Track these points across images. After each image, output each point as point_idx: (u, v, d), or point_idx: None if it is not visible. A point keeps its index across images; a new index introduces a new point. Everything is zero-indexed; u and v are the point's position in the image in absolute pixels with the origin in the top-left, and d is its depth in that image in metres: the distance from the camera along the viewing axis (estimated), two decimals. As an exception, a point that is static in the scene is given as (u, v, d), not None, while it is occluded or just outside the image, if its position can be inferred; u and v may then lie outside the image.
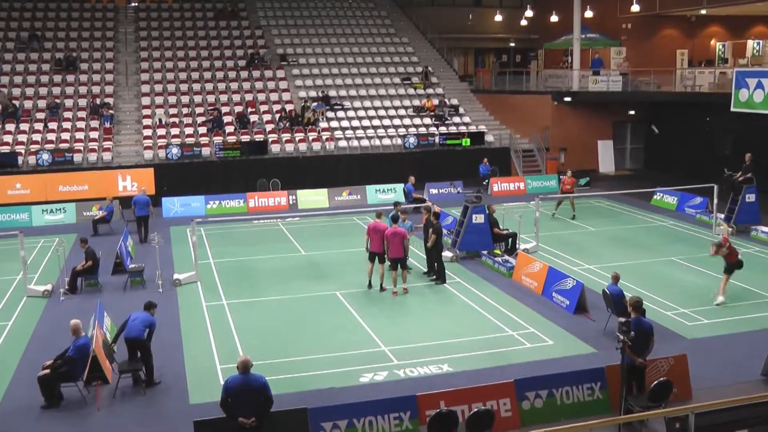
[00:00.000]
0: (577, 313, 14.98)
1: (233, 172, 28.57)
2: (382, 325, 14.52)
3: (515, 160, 32.39)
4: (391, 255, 16.15)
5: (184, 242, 21.37)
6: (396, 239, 16.10)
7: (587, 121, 33.64)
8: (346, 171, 29.70)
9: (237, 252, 20.57)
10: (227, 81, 33.85)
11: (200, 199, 26.27)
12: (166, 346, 13.24)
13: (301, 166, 29.45)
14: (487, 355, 13.01)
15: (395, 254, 16.13)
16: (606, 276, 16.85)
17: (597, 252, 20.02)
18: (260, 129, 30.64)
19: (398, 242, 16.13)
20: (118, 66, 33.89)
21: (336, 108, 33.08)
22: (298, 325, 14.62)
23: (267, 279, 17.91)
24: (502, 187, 29.28)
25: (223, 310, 15.58)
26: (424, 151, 30.98)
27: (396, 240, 16.09)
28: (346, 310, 15.52)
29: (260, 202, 26.72)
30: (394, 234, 16.12)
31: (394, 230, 16.19)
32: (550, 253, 19.76)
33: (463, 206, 19.76)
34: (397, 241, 16.12)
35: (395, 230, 16.21)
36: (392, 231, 16.17)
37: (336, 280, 17.64)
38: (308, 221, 24.67)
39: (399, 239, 16.16)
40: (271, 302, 16.14)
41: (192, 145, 28.53)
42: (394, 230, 16.20)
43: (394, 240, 16.08)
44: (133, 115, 31.30)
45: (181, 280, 17.42)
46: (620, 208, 26.00)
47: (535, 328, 14.26)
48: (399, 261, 16.26)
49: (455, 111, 34.24)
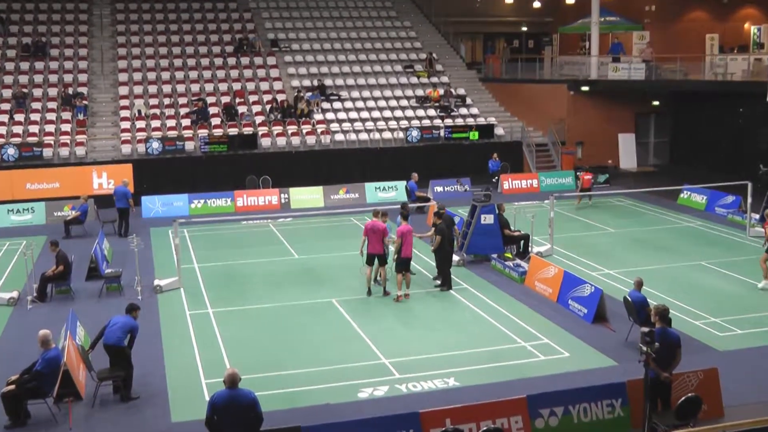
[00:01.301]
0: (595, 322, 14.96)
1: (220, 168, 28.56)
2: (382, 336, 14.51)
3: (528, 155, 32.37)
4: (404, 254, 16.36)
5: (166, 245, 21.34)
6: (409, 237, 16.39)
7: (606, 112, 33.63)
8: (343, 167, 29.67)
9: (224, 256, 20.56)
10: (213, 68, 33.85)
11: (183, 197, 26.26)
12: (146, 358, 13.22)
13: (293, 162, 29.44)
14: (497, 368, 12.99)
15: (406, 253, 16.33)
16: (628, 282, 16.83)
17: (618, 255, 19.99)
18: (249, 121, 30.63)
19: (410, 241, 16.40)
20: (93, 52, 33.89)
21: (332, 98, 33.07)
22: (291, 336, 14.60)
23: (256, 285, 17.89)
24: (514, 185, 29.27)
25: (208, 320, 15.56)
26: (429, 146, 30.96)
27: (409, 238, 16.38)
28: (342, 319, 15.51)
29: (249, 201, 26.71)
30: (406, 232, 16.34)
31: (406, 228, 16.44)
32: (566, 257, 19.74)
33: (470, 206, 19.76)
34: (410, 240, 16.40)
35: (407, 228, 16.47)
36: (406, 229, 16.40)
37: (332, 286, 17.63)
38: (302, 222, 24.64)
39: (411, 238, 16.45)
40: (261, 311, 16.12)
41: (174, 139, 28.53)
42: (407, 228, 16.46)
43: (407, 238, 16.32)
44: (109, 106, 31.29)
45: (163, 286, 17.40)
46: (643, 208, 25.98)
47: (550, 338, 14.25)
48: (409, 261, 16.43)
49: (462, 101, 34.23)
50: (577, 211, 25.24)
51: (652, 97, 33.99)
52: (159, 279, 17.80)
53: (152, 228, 23.73)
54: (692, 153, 33.42)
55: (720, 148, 31.71)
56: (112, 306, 15.86)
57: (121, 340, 11.88)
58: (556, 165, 32.33)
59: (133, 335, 12.06)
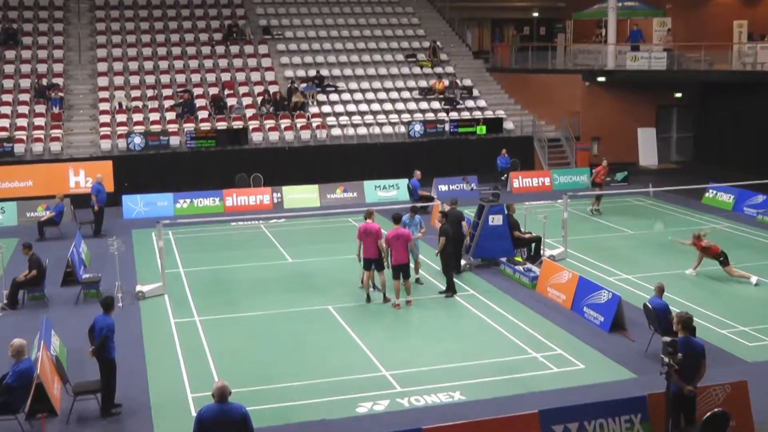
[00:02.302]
0: (613, 331, 14.95)
1: (207, 165, 28.56)
2: (382, 346, 14.50)
3: (539, 151, 32.35)
4: (394, 261, 16.19)
5: (149, 248, 21.33)
6: (399, 243, 16.12)
7: (625, 105, 33.62)
8: (341, 164, 29.66)
9: (212, 259, 20.55)
10: (200, 57, 33.85)
11: (168, 197, 26.26)
12: (127, 370, 13.20)
13: (287, 159, 29.43)
14: (506, 381, 12.99)
15: (398, 260, 16.15)
16: (648, 288, 16.82)
17: (637, 259, 19.99)
18: (239, 114, 30.63)
19: (402, 246, 16.16)
20: (69, 40, 33.90)
21: (329, 90, 33.07)
22: (284, 346, 14.59)
23: (247, 291, 17.88)
24: (524, 183, 29.27)
25: (194, 329, 15.55)
26: (432, 141, 30.97)
27: (399, 244, 16.12)
28: (340, 327, 15.50)
29: (239, 201, 26.71)
30: (396, 237, 16.14)
31: (396, 232, 16.21)
32: (581, 261, 19.73)
33: (477, 205, 19.75)
34: (401, 245, 16.14)
35: (397, 232, 16.22)
36: (394, 233, 16.19)
37: (328, 292, 17.62)
38: (296, 223, 24.64)
39: (403, 243, 16.17)
40: (251, 319, 16.11)
41: (158, 134, 28.53)
42: (396, 232, 16.21)
43: (397, 243, 16.10)
44: (87, 99, 31.29)
45: (145, 292, 17.39)
46: (665, 208, 25.98)
47: (563, 349, 14.24)
48: (402, 268, 16.28)
49: (468, 93, 34.23)
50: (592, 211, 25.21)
51: (675, 88, 33.96)
52: (141, 285, 17.79)
53: (134, 230, 23.71)
54: (718, 149, 33.40)
55: (749, 143, 31.68)
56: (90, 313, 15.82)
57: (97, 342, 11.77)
58: (570, 162, 32.29)
59: (105, 336, 11.67)
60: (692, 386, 10.60)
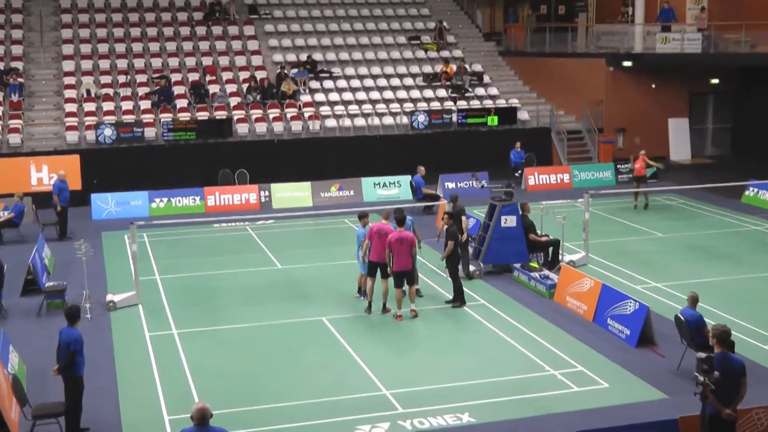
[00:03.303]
0: (640, 346, 14.94)
1: (187, 160, 28.54)
2: (383, 362, 14.49)
3: (558, 144, 32.33)
4: (396, 267, 16.17)
5: (121, 253, 21.32)
6: (403, 247, 16.11)
7: (654, 92, 33.58)
8: (336, 159, 29.64)
9: (191, 265, 20.55)
10: (178, 39, 33.83)
11: (142, 195, 26.25)
12: (96, 390, 13.18)
13: (276, 153, 29.40)
14: (520, 401, 12.97)
15: (400, 266, 16.13)
16: (680, 297, 16.79)
17: (668, 265, 19.98)
18: (222, 103, 30.62)
19: (405, 251, 16.15)
20: (30, 20, 33.84)
21: (322, 76, 33.05)
22: (272, 362, 14.57)
23: (231, 301, 17.87)
24: (541, 180, 29.27)
25: (172, 343, 15.54)
26: (438, 133, 30.94)
27: (403, 248, 16.11)
28: (335, 341, 15.49)
29: (222, 200, 26.70)
30: (399, 240, 16.12)
31: (399, 235, 16.20)
32: (605, 267, 19.72)
33: (488, 205, 19.74)
34: (404, 249, 16.14)
35: (400, 235, 16.21)
36: (397, 236, 16.18)
37: (322, 301, 17.61)
38: (286, 225, 24.63)
39: (406, 247, 16.17)
40: (236, 332, 16.10)
41: (131, 125, 28.51)
42: (399, 235, 16.20)
43: (401, 248, 16.09)
44: (50, 85, 31.27)
45: (117, 302, 17.38)
46: (699, 207, 25.98)
47: (585, 365, 14.23)
48: (405, 275, 16.26)
49: (478, 80, 34.22)
50: (618, 211, 25.19)
51: (711, 73, 33.89)
52: (112, 294, 17.78)
53: (104, 232, 23.69)
54: (759, 141, 33.36)
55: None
56: (53, 326, 15.81)
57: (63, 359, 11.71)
58: (592, 156, 32.24)
59: (73, 351, 11.61)
60: (731, 409, 10.57)
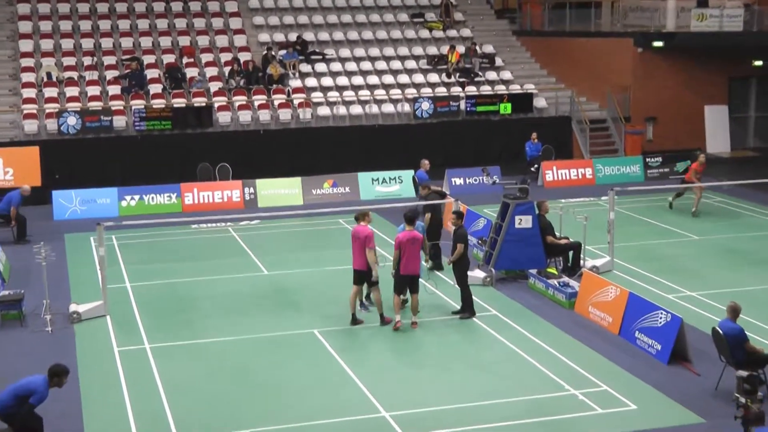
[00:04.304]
0: (673, 362, 14.92)
1: (161, 152, 28.55)
2: (381, 380, 14.47)
3: (579, 135, 32.32)
4: (403, 270, 16.24)
5: (87, 257, 21.31)
6: (414, 248, 16.27)
7: (689, 76, 33.56)
8: (330, 152, 29.64)
9: (167, 271, 20.54)
10: (151, 17, 33.82)
11: (111, 192, 26.27)
12: (58, 412, 13.13)
13: (262, 145, 29.39)
14: (537, 424, 12.96)
15: (408, 270, 16.21)
16: (718, 308, 16.79)
17: (703, 271, 20.00)
18: (201, 89, 30.61)
19: (416, 253, 16.31)
20: (-13, -5, 33.89)
21: (314, 58, 33.05)
22: (258, 381, 14.56)
23: (211, 311, 17.86)
24: (560, 176, 29.29)
25: (144, 359, 15.51)
26: (444, 123, 30.95)
27: (414, 250, 16.26)
28: (328, 356, 15.47)
29: (202, 198, 26.73)
30: (411, 240, 16.21)
31: (410, 235, 16.30)
32: (632, 274, 19.71)
33: (500, 204, 19.73)
34: (416, 251, 16.29)
35: (412, 235, 16.31)
36: (408, 236, 16.28)
37: (314, 312, 17.61)
38: (273, 225, 24.64)
39: (417, 249, 16.33)
40: (216, 346, 16.08)
41: (98, 113, 28.50)
42: (411, 235, 16.30)
43: (411, 249, 16.21)
44: (5, 68, 31.26)
45: (82, 313, 17.34)
46: (739, 206, 26.00)
47: (610, 384, 14.21)
48: (411, 281, 16.33)
49: (490, 63, 34.21)
50: (647, 210, 25.16)
51: (754, 54, 33.82)
52: (76, 303, 17.74)
53: (67, 234, 23.71)
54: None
55: None
56: (9, 341, 15.82)
57: (6, 407, 11.48)
58: (618, 149, 32.24)
59: (28, 403, 11.38)
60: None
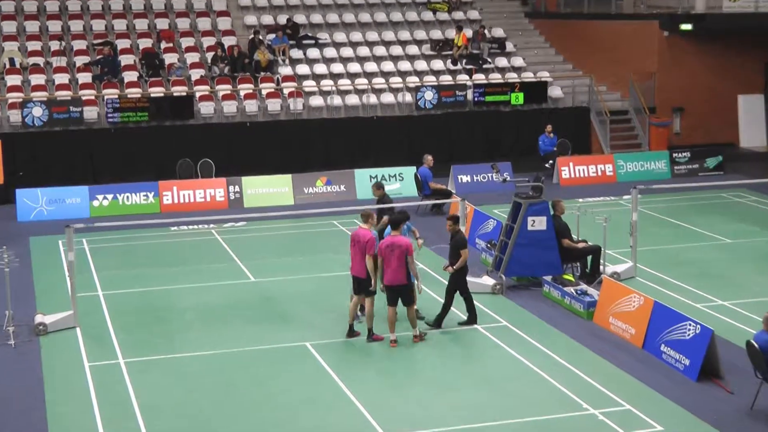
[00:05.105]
0: (703, 379, 14.91)
1: (137, 147, 28.58)
2: (380, 397, 14.47)
3: (598, 127, 32.32)
4: (386, 280, 16.14)
5: (54, 263, 21.31)
6: (394, 256, 16.04)
7: (720, 63, 33.55)
8: (323, 146, 29.67)
9: (143, 278, 20.54)
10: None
11: (81, 191, 26.28)
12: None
13: (248, 139, 29.39)
14: (553, 447, 12.99)
15: (392, 280, 16.11)
16: (753, 319, 16.82)
17: (737, 278, 20.01)
18: (181, 77, 30.60)
19: (397, 261, 16.03)
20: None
21: (306, 43, 33.04)
22: (243, 399, 14.55)
23: (192, 323, 17.86)
24: (577, 173, 29.30)
25: (118, 375, 15.48)
26: (450, 114, 30.97)
27: (394, 257, 16.04)
28: (321, 372, 15.47)
29: (182, 197, 26.75)
30: (390, 247, 16.03)
31: (390, 241, 16.12)
32: (657, 281, 19.71)
33: (512, 203, 19.73)
34: (396, 258, 16.02)
35: (393, 241, 16.11)
36: (388, 242, 16.11)
37: (305, 323, 17.61)
38: (261, 228, 24.66)
39: (398, 256, 16.05)
40: (198, 361, 16.06)
41: (67, 103, 28.49)
42: (391, 241, 16.11)
43: (391, 257, 16.02)
44: (-32, 54, 31.31)
45: (48, 325, 17.30)
46: (775, 207, 26.10)
47: (633, 403, 14.20)
48: (399, 291, 16.22)
49: (500, 48, 34.20)
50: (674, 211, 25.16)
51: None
52: (42, 314, 17.71)
53: (33, 237, 23.72)
54: None
55: None
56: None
57: None
58: (642, 143, 32.25)
59: None
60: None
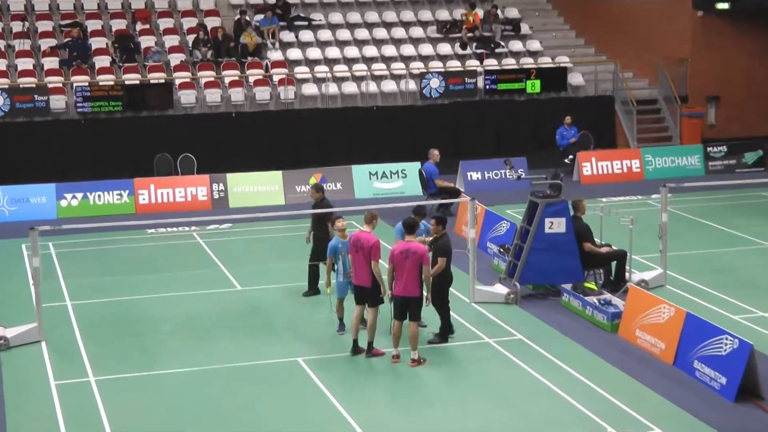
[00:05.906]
0: (741, 399, 14.88)
1: (110, 140, 28.63)
2: (381, 420, 14.45)
3: (624, 119, 32.34)
4: (396, 291, 16.09)
5: (17, 269, 21.34)
6: (409, 264, 16.04)
7: (760, 46, 33.58)
8: (317, 139, 29.69)
9: (116, 286, 20.55)
10: (98, -26, 33.89)
11: (48, 189, 26.35)
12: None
13: (234, 131, 29.39)
14: (573, 475, 12.97)
15: (404, 291, 16.07)
16: (794, 331, 16.79)
17: (777, 287, 20.06)
18: (159, 62, 30.59)
19: (413, 269, 16.02)
20: None
21: (298, 25, 33.04)
22: (228, 420, 14.52)
23: (172, 336, 17.87)
24: (600, 169, 29.33)
25: (89, 394, 15.47)
26: (458, 104, 31.02)
27: (408, 265, 16.04)
28: (315, 390, 15.45)
29: (159, 197, 26.81)
30: (404, 254, 15.99)
31: (405, 247, 16.08)
32: (689, 289, 19.74)
33: (527, 203, 19.73)
34: (411, 266, 16.01)
35: (407, 247, 16.07)
36: (403, 248, 16.07)
37: (297, 336, 17.63)
38: (248, 230, 24.70)
39: (413, 264, 16.04)
40: (177, 378, 16.06)
41: (31, 91, 28.50)
42: (406, 247, 16.07)
43: (404, 265, 16.00)
44: None
45: (10, 338, 17.32)
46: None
47: (662, 426, 14.18)
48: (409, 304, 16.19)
49: (514, 30, 34.20)
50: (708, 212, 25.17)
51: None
52: (3, 327, 17.73)
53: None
54: None
55: None
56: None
57: None
58: (672, 135, 32.25)
59: None
60: None
